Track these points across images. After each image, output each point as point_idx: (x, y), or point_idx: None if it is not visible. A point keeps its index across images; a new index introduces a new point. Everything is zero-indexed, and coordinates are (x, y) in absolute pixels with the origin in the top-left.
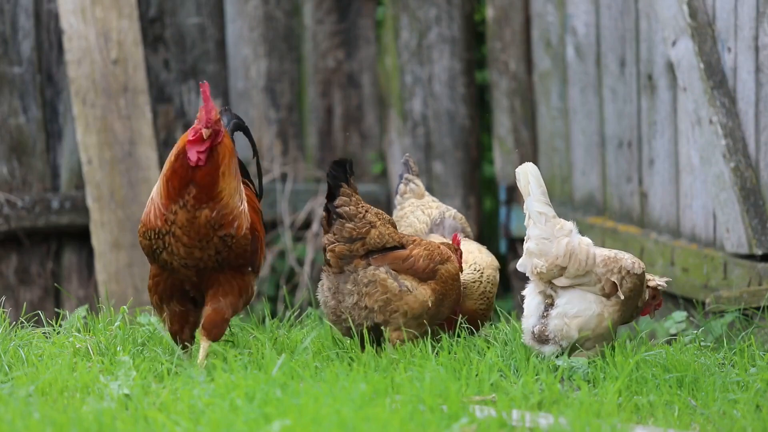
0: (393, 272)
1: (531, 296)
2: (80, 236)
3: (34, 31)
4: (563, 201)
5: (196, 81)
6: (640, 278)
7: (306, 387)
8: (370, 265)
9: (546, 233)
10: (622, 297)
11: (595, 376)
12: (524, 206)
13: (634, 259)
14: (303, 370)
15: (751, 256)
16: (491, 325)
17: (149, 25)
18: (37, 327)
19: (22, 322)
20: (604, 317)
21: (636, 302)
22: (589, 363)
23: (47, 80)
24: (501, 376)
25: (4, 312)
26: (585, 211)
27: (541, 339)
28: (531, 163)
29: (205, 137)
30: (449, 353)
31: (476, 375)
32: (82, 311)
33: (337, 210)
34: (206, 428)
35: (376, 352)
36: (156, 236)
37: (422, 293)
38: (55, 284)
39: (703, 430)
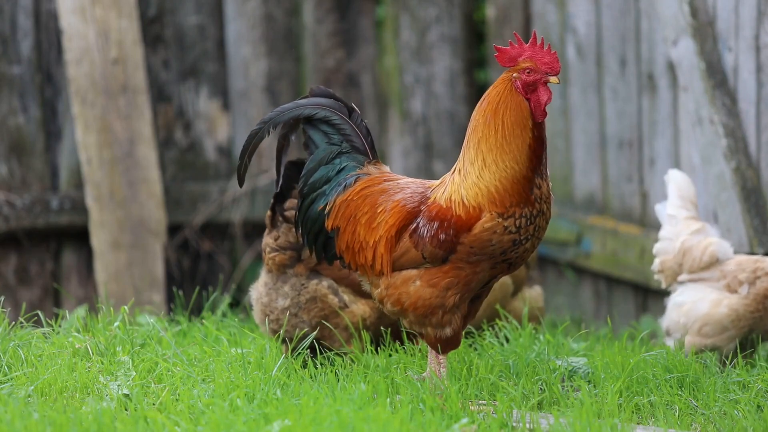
0: (335, 285)
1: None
2: (80, 236)
3: (34, 31)
4: (564, 201)
5: (195, 80)
6: None
7: (306, 387)
8: (312, 271)
9: (671, 234)
10: (745, 292)
11: (596, 376)
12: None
13: None
14: (302, 370)
15: None
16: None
17: (149, 24)
18: (37, 327)
19: (21, 322)
20: (721, 306)
21: None
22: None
23: (47, 80)
24: (501, 376)
25: (3, 312)
26: (585, 211)
27: (668, 332)
28: (678, 171)
29: (556, 82)
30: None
31: (476, 375)
32: (81, 311)
33: (285, 214)
34: (206, 428)
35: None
36: (528, 222)
37: (361, 309)
38: (55, 284)
39: (704, 431)
